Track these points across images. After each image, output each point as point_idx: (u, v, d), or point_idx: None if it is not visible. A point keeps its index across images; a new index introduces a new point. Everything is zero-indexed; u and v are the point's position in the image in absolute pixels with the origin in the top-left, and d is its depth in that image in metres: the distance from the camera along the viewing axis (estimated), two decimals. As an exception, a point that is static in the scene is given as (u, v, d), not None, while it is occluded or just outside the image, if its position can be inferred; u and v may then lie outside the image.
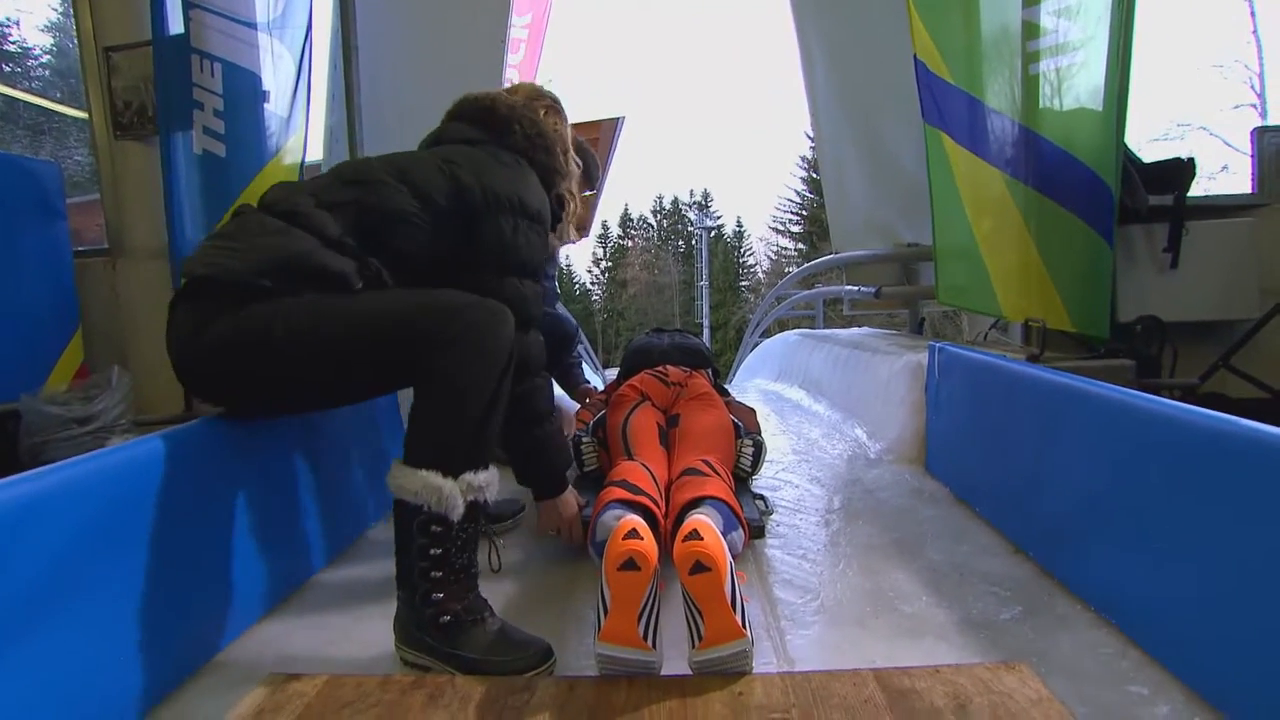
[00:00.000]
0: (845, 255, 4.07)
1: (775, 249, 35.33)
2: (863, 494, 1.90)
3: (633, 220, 39.16)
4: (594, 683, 1.02)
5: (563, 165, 1.57)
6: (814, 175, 29.51)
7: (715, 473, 1.49)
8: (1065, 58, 2.05)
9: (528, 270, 1.39)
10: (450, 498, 1.09)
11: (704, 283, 28.94)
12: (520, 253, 1.36)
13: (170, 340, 1.21)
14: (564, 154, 1.58)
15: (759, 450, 1.85)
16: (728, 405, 2.00)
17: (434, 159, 1.37)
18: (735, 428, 1.85)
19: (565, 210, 1.61)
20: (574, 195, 1.64)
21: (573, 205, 1.63)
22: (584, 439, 1.87)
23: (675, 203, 39.33)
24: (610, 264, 38.24)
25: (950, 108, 2.31)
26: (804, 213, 33.38)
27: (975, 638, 1.16)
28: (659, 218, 39.57)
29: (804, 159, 32.60)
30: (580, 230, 1.95)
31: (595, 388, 2.42)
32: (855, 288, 3.91)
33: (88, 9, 2.48)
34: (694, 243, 33.60)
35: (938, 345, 2.07)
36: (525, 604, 1.33)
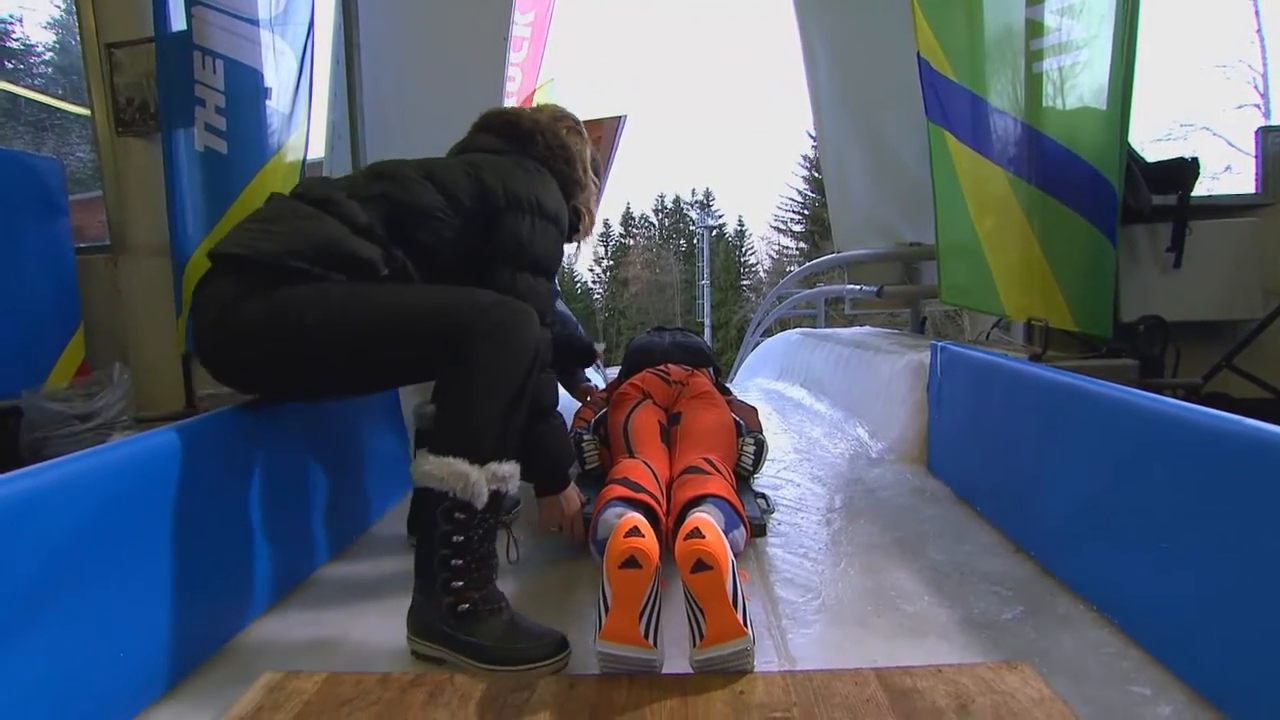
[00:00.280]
0: (847, 254, 4.06)
1: (777, 248, 35.28)
2: (864, 493, 1.90)
3: (634, 219, 39.14)
4: (595, 681, 1.02)
5: (582, 178, 1.64)
6: (816, 174, 29.46)
7: (717, 471, 1.49)
8: (1069, 56, 2.04)
9: (541, 267, 1.43)
10: (476, 485, 1.11)
11: (705, 282, 28.94)
12: (535, 249, 1.40)
13: (196, 320, 1.23)
14: (584, 170, 1.64)
15: (760, 449, 1.85)
16: (729, 404, 2.00)
17: (461, 163, 1.44)
18: (737, 426, 1.85)
19: (582, 223, 1.68)
20: (590, 211, 1.70)
21: (589, 220, 1.70)
22: (585, 437, 1.87)
23: (677, 201, 39.31)
24: (612, 263, 38.23)
25: (954, 106, 2.31)
26: (806, 212, 33.31)
27: (977, 637, 1.16)
28: (660, 216, 39.55)
29: (806, 158, 32.54)
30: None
31: (596, 386, 2.42)
32: (857, 287, 3.90)
33: (90, 6, 2.48)
34: (695, 241, 33.56)
35: (940, 344, 2.06)
36: (526, 601, 1.33)
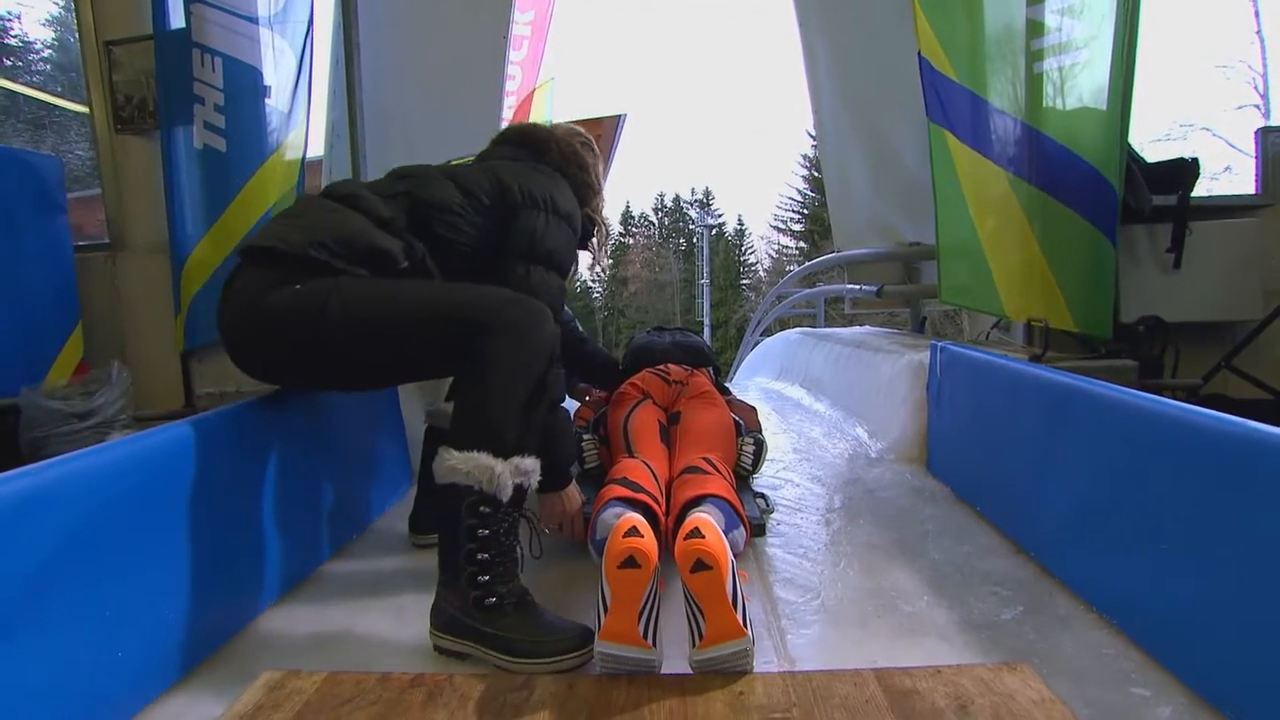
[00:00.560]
0: (847, 254, 4.06)
1: (776, 247, 35.26)
2: (864, 493, 1.90)
3: (634, 218, 39.07)
4: (594, 681, 1.02)
5: (595, 184, 1.71)
6: (815, 174, 29.45)
7: (717, 471, 1.49)
8: (1069, 56, 2.04)
9: (554, 262, 1.47)
10: (501, 478, 1.13)
11: (705, 281, 28.91)
12: (547, 243, 1.45)
13: (223, 312, 1.27)
14: (595, 179, 1.72)
15: (760, 448, 1.84)
16: (729, 403, 2.00)
17: (480, 167, 1.54)
18: (736, 426, 1.85)
19: (597, 231, 1.75)
20: (603, 218, 1.77)
21: (604, 230, 1.78)
22: (585, 436, 1.87)
23: (676, 200, 39.26)
24: (611, 261, 38.21)
25: (954, 106, 2.30)
26: (805, 211, 33.30)
27: (977, 638, 1.16)
28: (660, 215, 39.50)
29: (806, 157, 32.52)
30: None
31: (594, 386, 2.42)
32: (857, 286, 3.90)
33: (89, 3, 2.47)
34: (695, 241, 33.53)
35: (939, 344, 2.06)
36: (525, 601, 1.33)
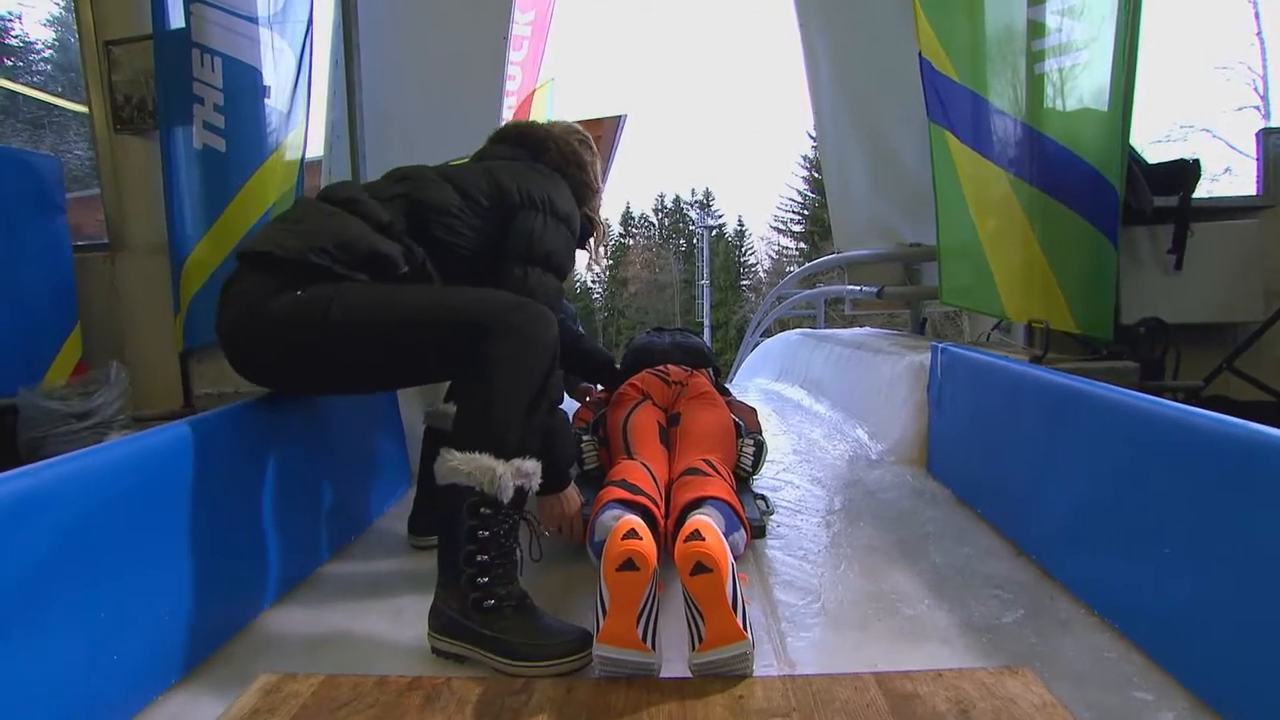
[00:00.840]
0: (847, 255, 4.05)
1: (776, 248, 35.27)
2: (864, 495, 1.89)
3: (634, 219, 39.08)
4: (592, 684, 1.01)
5: (594, 183, 1.70)
6: (816, 175, 29.45)
7: (717, 473, 1.48)
8: (1070, 57, 2.03)
9: (552, 263, 1.46)
10: (503, 479, 1.13)
11: (705, 281, 28.91)
12: (545, 244, 1.44)
13: (222, 315, 1.27)
14: (594, 178, 1.71)
15: (760, 450, 1.84)
16: (729, 405, 1.99)
17: (478, 167, 1.52)
18: (736, 427, 1.84)
19: (595, 231, 1.74)
20: (601, 217, 1.76)
21: (602, 229, 1.77)
22: (585, 438, 1.87)
23: (677, 201, 39.26)
24: (611, 262, 38.19)
25: (955, 106, 2.30)
26: (805, 212, 33.31)
27: (978, 641, 1.15)
28: (660, 216, 39.50)
29: (806, 158, 32.54)
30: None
31: (595, 386, 2.41)
32: (857, 287, 3.90)
33: (88, 3, 2.46)
34: (695, 241, 33.52)
35: (940, 346, 2.06)
36: (524, 604, 1.32)
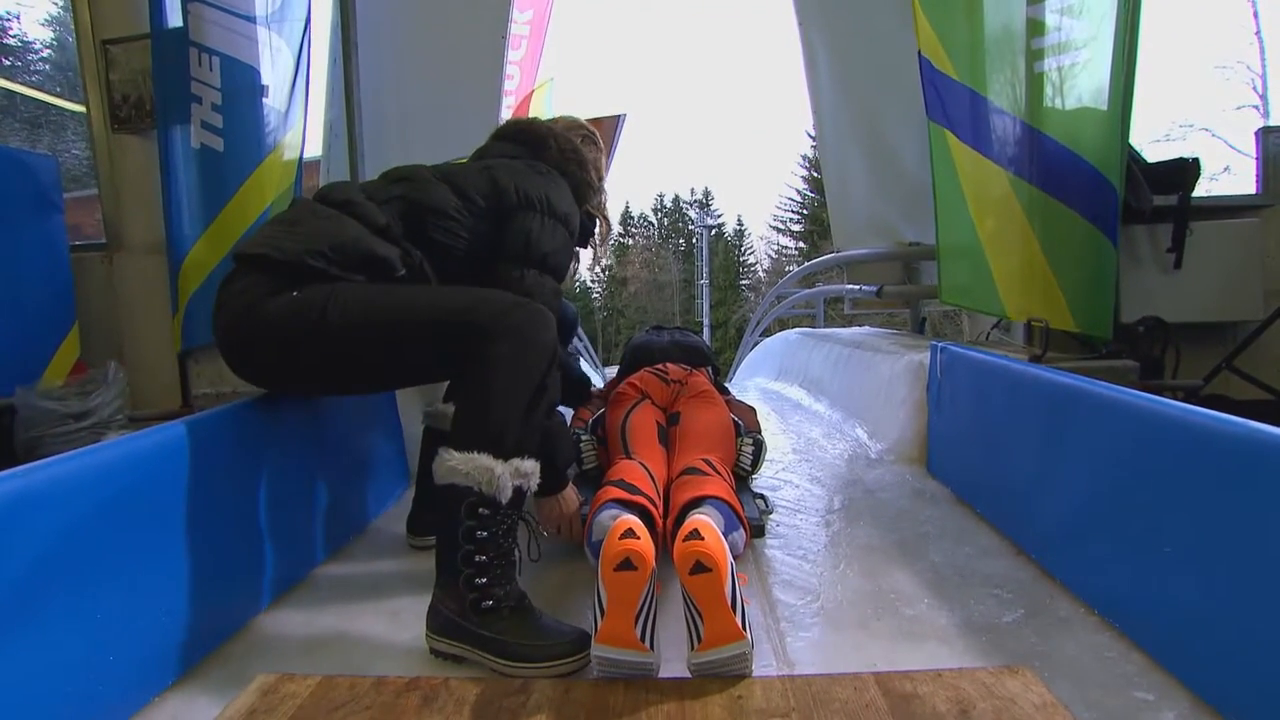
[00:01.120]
0: (847, 254, 4.05)
1: (776, 248, 35.31)
2: (863, 494, 1.89)
3: (633, 218, 39.08)
4: (590, 685, 1.01)
5: (595, 181, 1.68)
6: (815, 174, 29.48)
7: (716, 472, 1.48)
8: (1069, 56, 2.03)
9: (549, 265, 1.45)
10: (501, 479, 1.13)
11: (704, 281, 28.90)
12: (543, 246, 1.43)
13: (219, 317, 1.26)
14: (596, 175, 1.69)
15: (759, 449, 1.83)
16: (728, 404, 1.99)
17: (476, 166, 1.50)
18: (735, 426, 1.84)
19: (599, 229, 1.73)
20: (606, 217, 1.75)
21: (605, 226, 1.75)
22: (583, 437, 1.86)
23: (676, 201, 39.32)
24: (610, 262, 38.19)
25: (955, 105, 2.30)
26: (805, 211, 33.35)
27: (977, 641, 1.15)
28: (659, 216, 39.55)
29: (805, 157, 32.58)
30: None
31: (594, 385, 2.41)
32: (856, 286, 3.90)
33: (85, 2, 2.46)
34: (694, 241, 33.54)
35: (939, 345, 2.05)
36: (522, 604, 1.32)
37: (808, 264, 5.58)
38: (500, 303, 1.23)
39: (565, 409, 2.17)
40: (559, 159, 1.60)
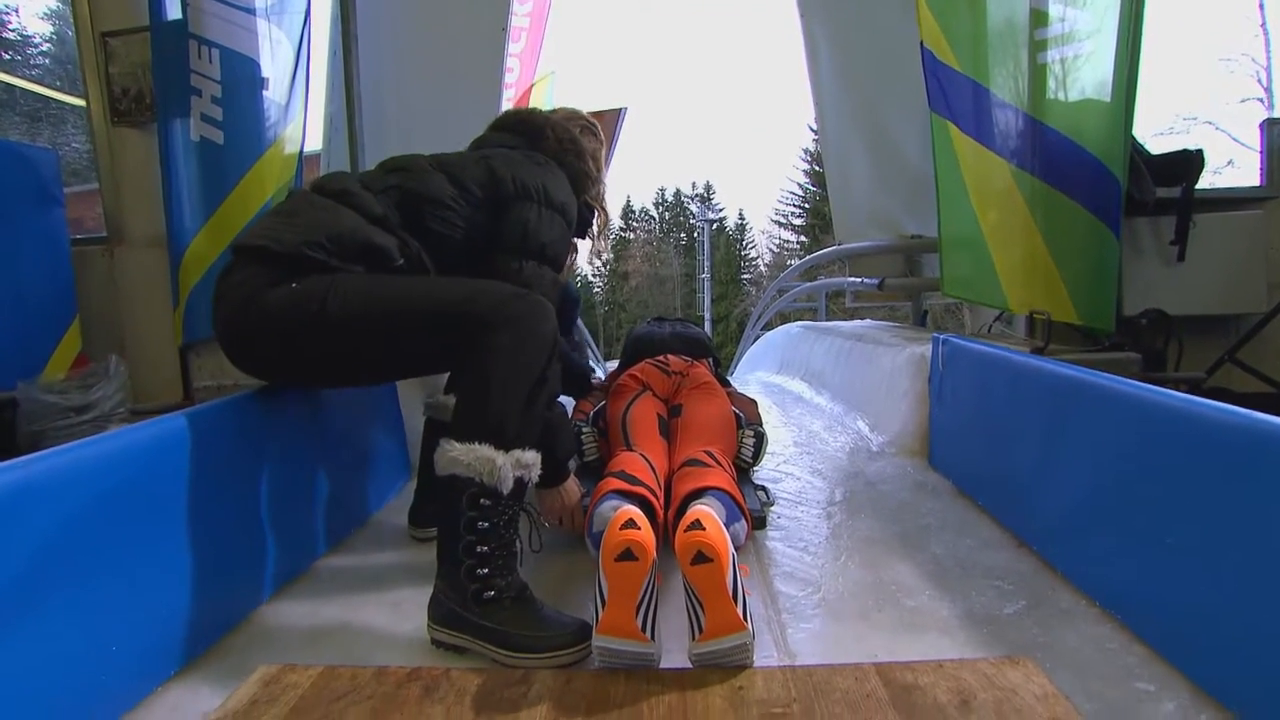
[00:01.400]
0: (848, 246, 4.05)
1: (777, 242, 35.24)
2: (865, 487, 1.89)
3: (634, 212, 39.00)
4: (591, 675, 1.01)
5: (593, 172, 1.67)
6: (816, 168, 29.42)
7: (718, 463, 1.48)
8: (1073, 47, 2.02)
9: (546, 256, 1.45)
10: (502, 470, 1.13)
11: (706, 275, 28.87)
12: (540, 237, 1.43)
13: (218, 309, 1.26)
14: (595, 165, 1.68)
15: (760, 441, 1.83)
16: (729, 396, 1.98)
17: (473, 156, 1.50)
18: (736, 418, 1.84)
19: (597, 219, 1.72)
20: (604, 205, 1.73)
21: (604, 216, 1.74)
22: (584, 429, 1.86)
23: (677, 195, 39.21)
24: (612, 256, 38.13)
25: (957, 96, 2.28)
26: (806, 205, 33.27)
27: (978, 632, 1.15)
28: (661, 210, 39.44)
29: (807, 151, 32.49)
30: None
31: (597, 376, 2.41)
32: (858, 279, 3.89)
33: (84, -7, 2.45)
34: (696, 235, 33.46)
35: (941, 337, 2.04)
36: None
37: (809, 257, 5.56)
38: (500, 294, 1.23)
39: (566, 400, 2.17)
40: (556, 149, 1.60)
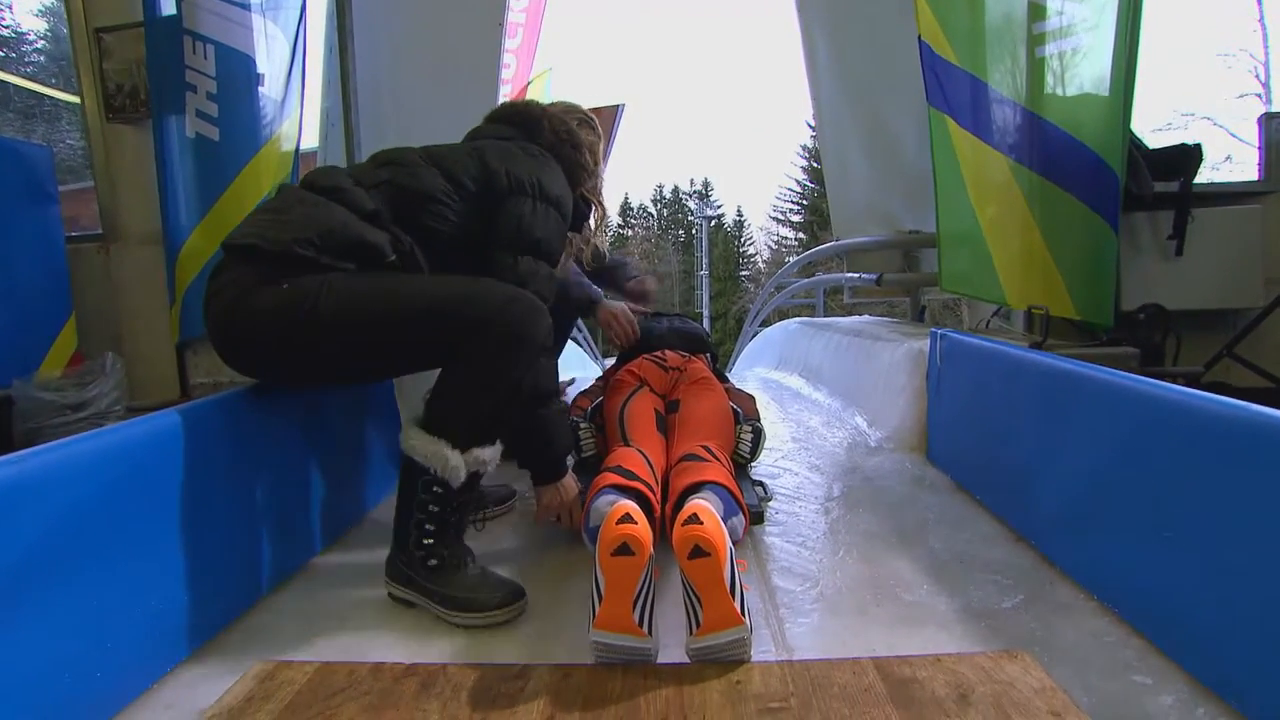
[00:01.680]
0: (847, 242, 4.04)
1: (775, 238, 35.21)
2: (863, 482, 1.88)
3: (633, 209, 38.98)
4: (589, 670, 1.01)
5: (590, 165, 1.66)
6: (815, 164, 29.39)
7: (715, 458, 1.47)
8: (1071, 41, 2.01)
9: (542, 250, 1.44)
10: (455, 469, 1.21)
11: (704, 272, 28.85)
12: (535, 232, 1.42)
13: (210, 308, 1.26)
14: (591, 158, 1.67)
15: (758, 436, 1.83)
16: (727, 391, 1.98)
17: (466, 148, 1.49)
18: (734, 414, 1.83)
19: (595, 213, 1.71)
20: (600, 199, 1.73)
21: (600, 210, 1.73)
22: (581, 425, 1.86)
23: (675, 192, 39.17)
24: (608, 252, 38.01)
25: (955, 91, 2.28)
26: (804, 202, 33.24)
27: (976, 626, 1.14)
28: (659, 207, 39.40)
29: (805, 148, 32.45)
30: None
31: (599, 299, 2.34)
32: (856, 275, 3.89)
33: (78, -11, 2.44)
34: (694, 232, 33.45)
35: (940, 332, 2.04)
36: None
37: (808, 252, 5.55)
38: (495, 297, 1.24)
39: (566, 396, 2.15)
40: (553, 140, 1.58)
